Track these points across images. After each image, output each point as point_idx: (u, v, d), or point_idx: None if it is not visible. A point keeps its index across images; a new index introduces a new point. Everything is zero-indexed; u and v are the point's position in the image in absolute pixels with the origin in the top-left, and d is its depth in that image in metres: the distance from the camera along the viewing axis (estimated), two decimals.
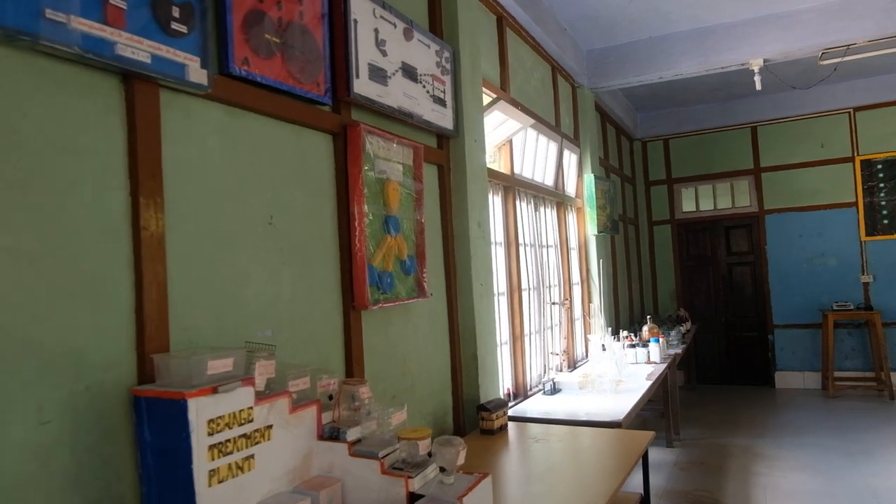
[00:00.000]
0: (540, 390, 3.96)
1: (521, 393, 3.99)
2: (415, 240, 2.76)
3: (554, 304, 4.35)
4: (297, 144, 2.21)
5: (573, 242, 5.51)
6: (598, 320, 5.55)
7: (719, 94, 7.37)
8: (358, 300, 2.34)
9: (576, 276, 5.49)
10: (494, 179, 3.86)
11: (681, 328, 6.49)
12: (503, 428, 2.96)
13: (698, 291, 8.15)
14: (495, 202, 3.90)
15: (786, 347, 7.53)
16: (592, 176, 5.53)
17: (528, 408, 3.57)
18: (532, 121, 4.00)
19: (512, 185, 4.07)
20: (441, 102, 3.05)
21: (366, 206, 2.40)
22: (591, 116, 5.81)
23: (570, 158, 5.53)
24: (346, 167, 2.38)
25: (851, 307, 6.97)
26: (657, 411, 5.47)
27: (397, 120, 2.73)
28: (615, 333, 5.25)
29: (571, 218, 5.51)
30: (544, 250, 4.72)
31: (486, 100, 3.62)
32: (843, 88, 7.20)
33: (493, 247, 3.76)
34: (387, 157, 2.58)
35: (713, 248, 8.12)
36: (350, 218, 2.36)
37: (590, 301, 5.63)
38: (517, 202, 4.21)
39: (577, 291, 5.49)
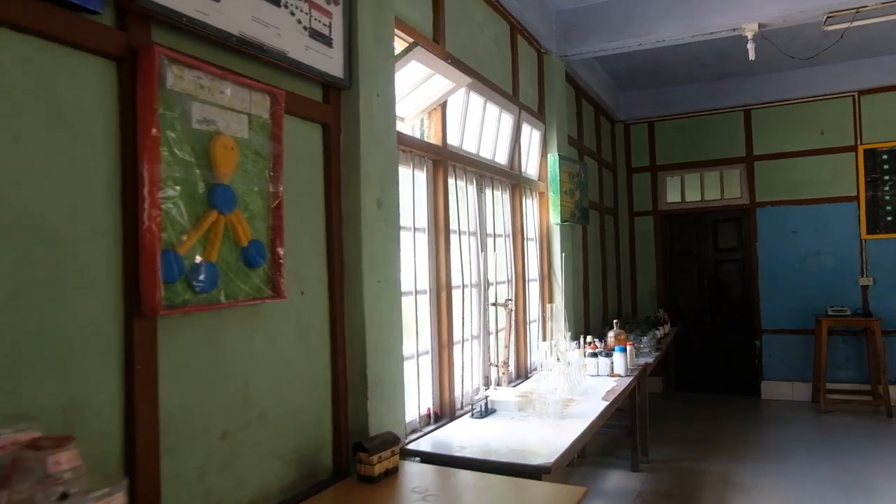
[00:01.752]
0: (477, 410, 3.23)
1: (447, 414, 3.27)
2: (268, 220, 2.02)
3: (494, 304, 3.63)
4: (45, 70, 1.46)
5: (533, 232, 4.77)
6: (560, 324, 4.83)
7: (710, 71, 6.62)
8: (145, 302, 1.61)
9: (534, 272, 4.76)
10: (417, 150, 3.11)
11: (657, 332, 5.77)
12: (391, 473, 2.23)
13: (682, 290, 7.44)
14: (417, 178, 3.16)
15: (774, 355, 6.84)
16: (557, 156, 4.78)
17: (444, 436, 2.85)
18: (468, 80, 3.26)
19: (443, 159, 3.32)
20: (324, 40, 2.30)
21: (164, 167, 1.66)
22: (559, 89, 5.06)
23: (533, 136, 4.78)
24: (135, 109, 1.63)
25: (848, 312, 6.27)
26: (623, 428, 4.76)
27: (244, 54, 1.99)
28: (577, 339, 4.54)
29: (531, 204, 4.77)
30: (491, 240, 3.98)
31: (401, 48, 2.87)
32: (847, 68, 6.46)
33: (414, 234, 3.05)
34: (216, 103, 1.83)
35: (699, 243, 7.40)
36: (139, 183, 1.61)
37: (551, 301, 4.90)
38: (452, 180, 3.47)
39: (534, 290, 4.76)
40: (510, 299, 3.64)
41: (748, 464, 4.72)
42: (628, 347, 4.48)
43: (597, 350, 4.29)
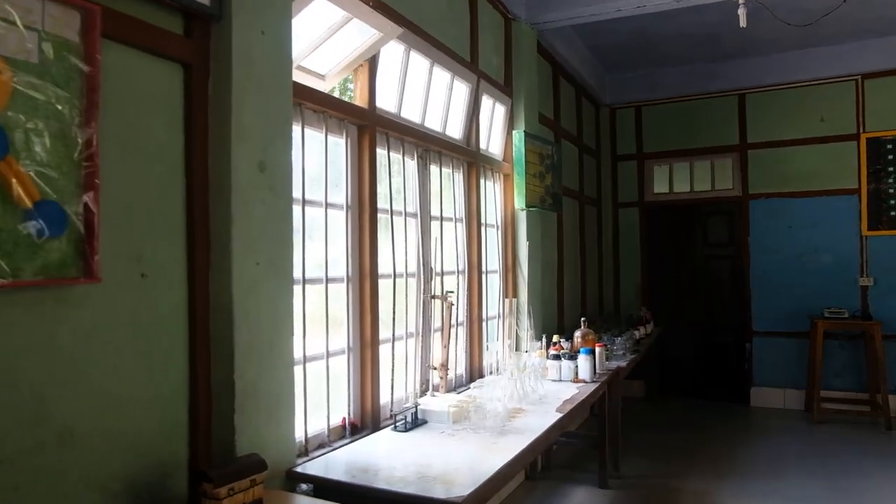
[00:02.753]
0: (401, 421, 2.73)
1: (368, 424, 2.77)
2: (74, 176, 1.52)
3: (434, 297, 3.13)
4: None
5: (495, 218, 4.27)
6: (524, 322, 4.33)
7: (702, 51, 6.11)
8: None
9: (494, 263, 4.25)
10: (334, 111, 2.61)
11: (636, 332, 5.27)
12: None
13: (668, 288, 6.93)
14: (335, 144, 2.65)
15: (766, 359, 6.33)
16: (523, 133, 4.27)
17: (351, 455, 2.35)
18: (399, 30, 2.75)
19: (370, 126, 2.82)
20: None
21: None
22: (529, 60, 4.55)
23: (497, 111, 4.27)
24: None
25: (846, 315, 5.76)
26: (590, 440, 4.27)
27: None
28: (541, 339, 4.05)
29: (493, 186, 4.27)
30: (438, 224, 3.48)
31: None
32: (850, 50, 5.95)
33: (326, 210, 2.55)
34: None
35: (688, 237, 6.90)
36: None
37: (514, 296, 4.40)
38: (383, 151, 2.97)
39: (494, 283, 4.26)
40: (451, 291, 3.14)
41: (731, 482, 4.22)
42: (598, 349, 3.98)
43: (561, 352, 3.79)
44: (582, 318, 4.03)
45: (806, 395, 6.09)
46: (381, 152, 2.95)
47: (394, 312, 2.95)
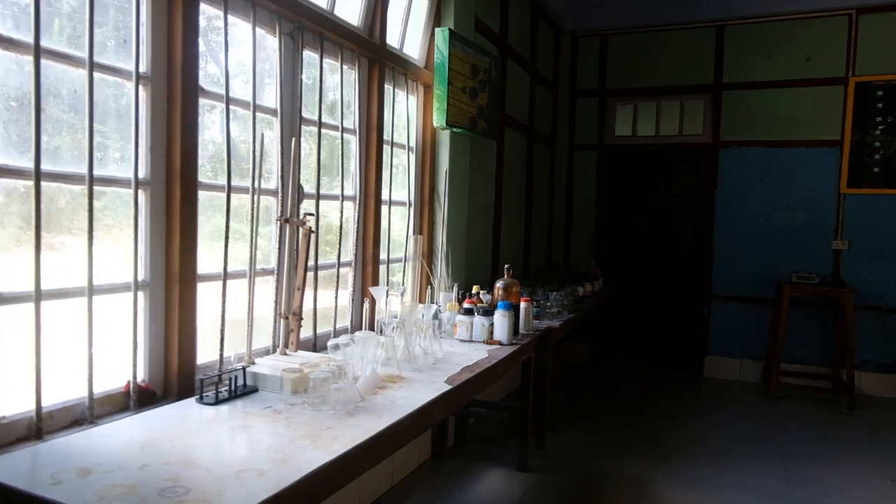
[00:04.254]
0: (211, 389, 1.94)
1: (173, 391, 1.97)
2: None
3: (288, 221, 2.29)
4: None
5: (408, 137, 3.43)
6: (440, 268, 3.55)
7: None
8: None
9: (402, 193, 3.44)
10: None
11: (579, 289, 4.55)
12: None
13: (624, 242, 6.23)
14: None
15: (723, 326, 5.71)
16: (448, 32, 3.40)
17: (99, 439, 1.54)
18: None
19: None
20: None
21: None
22: None
23: (416, 3, 3.39)
24: None
25: (816, 281, 5.13)
26: (516, 412, 3.56)
27: None
28: (455, 290, 3.28)
29: (407, 98, 3.41)
30: (313, 130, 2.63)
31: None
32: None
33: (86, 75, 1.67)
34: None
35: (649, 187, 6.18)
36: None
37: (430, 235, 3.61)
38: (217, 11, 2.09)
39: (401, 216, 3.46)
40: (310, 214, 2.32)
41: (674, 467, 3.57)
42: (523, 305, 3.23)
43: (476, 306, 3.03)
44: (506, 267, 3.25)
45: (764, 367, 5.50)
46: (212, 11, 2.07)
47: (226, 237, 2.12)
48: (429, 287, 3.42)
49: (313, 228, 2.26)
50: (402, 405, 1.92)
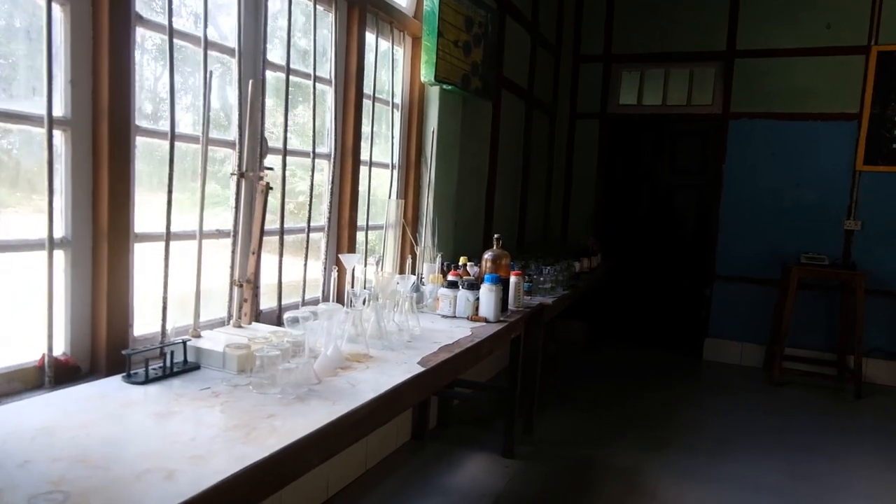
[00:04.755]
0: (139, 366, 1.68)
1: (101, 366, 1.71)
2: None
3: (241, 175, 2.00)
4: None
5: (391, 93, 3.12)
6: (426, 238, 3.28)
7: None
8: None
9: (384, 153, 3.14)
10: None
11: (575, 264, 4.28)
12: None
13: (624, 217, 5.95)
14: None
15: (726, 307, 5.46)
16: None
17: None
18: None
19: None
20: None
21: None
22: None
23: None
24: None
25: (826, 262, 4.86)
26: (504, 394, 3.32)
27: None
28: (438, 260, 3.02)
29: (393, 51, 3.10)
30: (277, 75, 2.33)
31: None
32: None
33: None
34: None
35: (653, 160, 5.87)
36: None
37: (416, 201, 3.33)
38: None
39: (382, 178, 3.18)
40: (269, 168, 2.03)
41: (668, 457, 3.35)
42: (513, 279, 2.97)
43: (462, 279, 2.76)
44: (495, 237, 2.97)
45: (766, 352, 5.26)
46: None
47: (169, 190, 1.83)
48: (411, 258, 3.15)
49: (271, 185, 1.98)
50: (363, 389, 1.66)
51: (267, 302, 2.39)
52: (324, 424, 1.40)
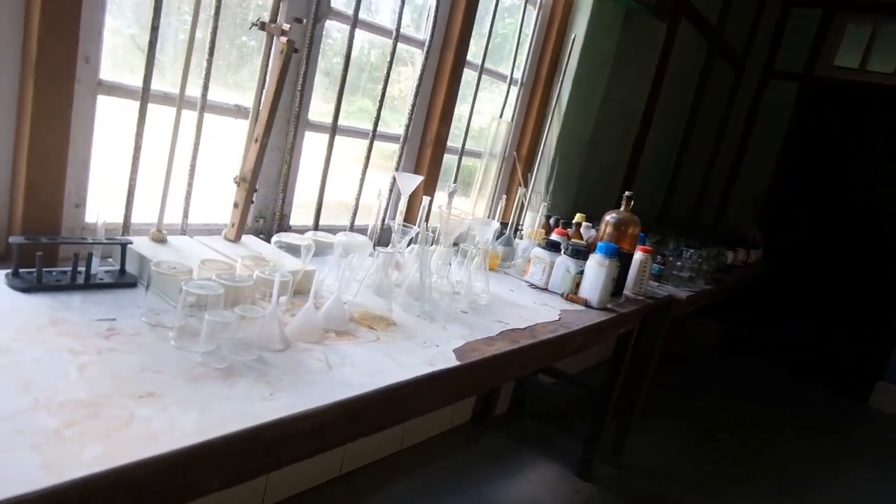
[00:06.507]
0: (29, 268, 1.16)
1: (11, 250, 1.22)
2: None
3: (262, 26, 1.38)
4: None
5: None
6: (542, 178, 2.55)
7: None
8: None
9: (503, 61, 2.41)
10: None
11: (728, 254, 3.36)
12: None
13: (804, 209, 4.77)
14: None
15: None
16: None
17: None
18: None
19: None
20: None
21: None
22: None
23: None
24: None
25: None
26: (594, 394, 2.58)
27: None
28: (543, 209, 2.29)
29: None
30: None
31: None
32: None
33: None
34: None
35: (859, 142, 4.60)
36: None
37: (536, 131, 2.59)
38: None
39: (497, 89, 2.46)
40: (298, 20, 1.38)
41: None
42: (638, 255, 2.18)
43: (567, 241, 2.03)
44: (625, 194, 2.16)
45: None
46: None
47: (150, 44, 1.25)
48: (513, 204, 2.45)
49: (292, 45, 1.34)
50: (333, 382, 1.03)
51: (300, 219, 1.82)
52: (214, 437, 0.78)
